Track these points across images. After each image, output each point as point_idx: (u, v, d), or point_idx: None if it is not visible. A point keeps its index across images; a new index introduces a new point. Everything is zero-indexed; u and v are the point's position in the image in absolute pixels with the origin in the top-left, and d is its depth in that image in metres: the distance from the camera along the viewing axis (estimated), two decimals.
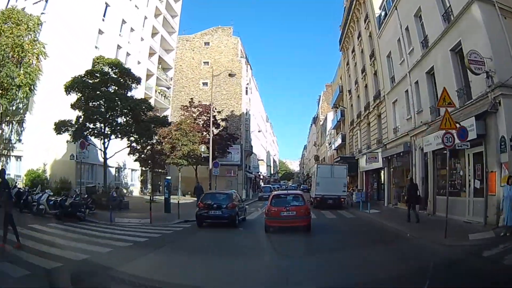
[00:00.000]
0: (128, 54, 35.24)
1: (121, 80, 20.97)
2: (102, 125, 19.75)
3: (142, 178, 39.33)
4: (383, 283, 6.05)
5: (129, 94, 21.21)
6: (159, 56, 42.94)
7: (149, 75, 41.22)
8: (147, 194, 35.94)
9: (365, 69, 28.06)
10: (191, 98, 37.72)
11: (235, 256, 9.23)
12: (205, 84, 45.73)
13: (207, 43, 48.28)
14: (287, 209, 12.16)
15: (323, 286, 6.22)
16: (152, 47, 40.76)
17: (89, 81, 19.69)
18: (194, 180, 31.49)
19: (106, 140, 19.99)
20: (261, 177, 69.77)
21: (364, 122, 28.76)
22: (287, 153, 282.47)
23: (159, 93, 42.73)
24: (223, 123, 37.23)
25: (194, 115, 36.32)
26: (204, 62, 46.89)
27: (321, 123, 70.64)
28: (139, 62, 37.83)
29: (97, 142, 21.38)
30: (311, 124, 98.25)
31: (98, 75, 19.88)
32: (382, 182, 24.80)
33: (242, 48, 48.62)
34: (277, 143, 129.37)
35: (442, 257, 8.27)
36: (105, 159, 20.22)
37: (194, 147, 31.31)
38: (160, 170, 40.21)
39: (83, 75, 19.57)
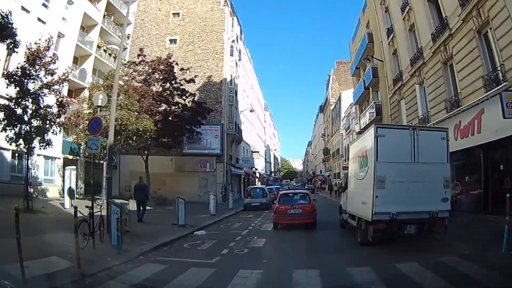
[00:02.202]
0: None
1: None
2: None
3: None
4: None
5: None
6: (109, 2, 30.49)
7: (90, 26, 28.84)
8: (79, 195, 23.12)
9: None
10: (141, 49, 24.72)
11: None
12: (173, 41, 32.51)
13: None
14: (293, 207, 12.70)
15: None
16: None
17: None
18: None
19: None
20: (257, 174, 55.80)
21: (431, 64, 15.42)
22: (289, 153, 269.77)
23: (104, 51, 29.78)
24: (191, 89, 24.48)
25: (144, 75, 23.83)
26: (174, 14, 33.66)
27: (331, 107, 57.35)
28: (71, 2, 25.55)
29: None
30: (317, 115, 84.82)
31: None
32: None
33: None
34: (279, 138, 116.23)
35: None
36: None
37: (133, 120, 18.89)
38: (99, 161, 27.98)
39: None
